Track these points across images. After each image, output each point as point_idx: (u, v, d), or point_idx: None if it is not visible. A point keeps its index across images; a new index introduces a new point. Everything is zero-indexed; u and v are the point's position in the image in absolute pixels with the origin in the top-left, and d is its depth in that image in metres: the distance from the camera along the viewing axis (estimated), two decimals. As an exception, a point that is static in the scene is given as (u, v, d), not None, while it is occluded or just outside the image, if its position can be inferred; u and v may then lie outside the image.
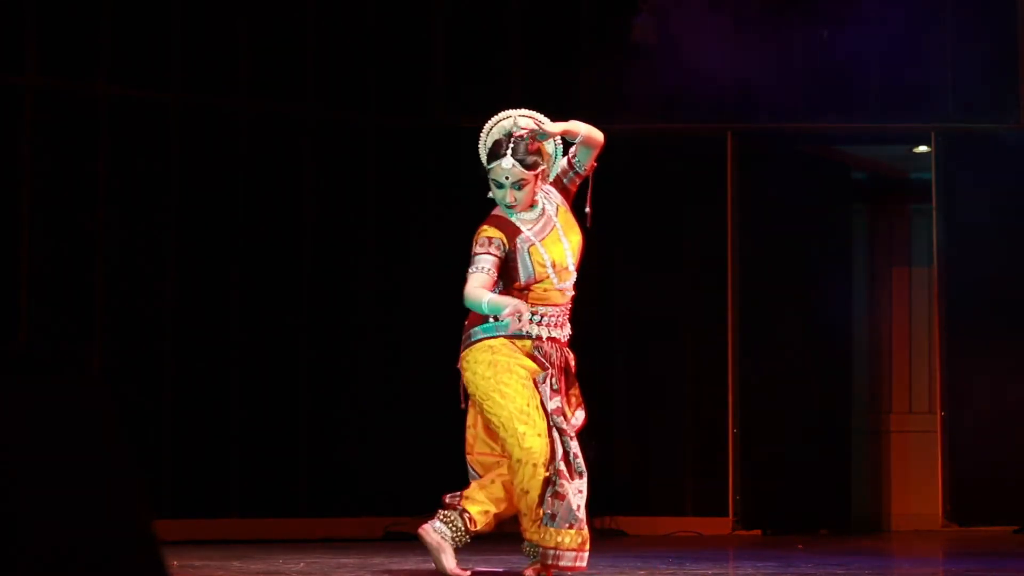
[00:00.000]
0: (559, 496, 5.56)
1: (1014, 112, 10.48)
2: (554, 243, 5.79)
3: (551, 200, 5.88)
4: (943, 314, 10.63)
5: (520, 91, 10.42)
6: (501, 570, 6.40)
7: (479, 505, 5.81)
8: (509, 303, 5.54)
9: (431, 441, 9.43)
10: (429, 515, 5.96)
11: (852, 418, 11.10)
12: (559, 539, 5.59)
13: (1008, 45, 10.49)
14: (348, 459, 9.92)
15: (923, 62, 10.45)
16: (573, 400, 5.81)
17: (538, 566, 5.72)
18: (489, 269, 5.71)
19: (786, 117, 10.59)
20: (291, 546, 8.53)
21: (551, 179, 5.91)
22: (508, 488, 5.76)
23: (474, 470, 5.90)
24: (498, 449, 5.79)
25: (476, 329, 5.78)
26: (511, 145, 5.74)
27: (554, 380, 5.69)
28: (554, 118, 6.04)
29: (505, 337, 5.72)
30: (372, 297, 10.09)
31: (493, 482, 5.80)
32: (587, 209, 5.92)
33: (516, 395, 5.64)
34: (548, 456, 5.59)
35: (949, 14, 10.48)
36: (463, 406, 5.86)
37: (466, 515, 5.81)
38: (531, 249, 5.74)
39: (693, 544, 9.31)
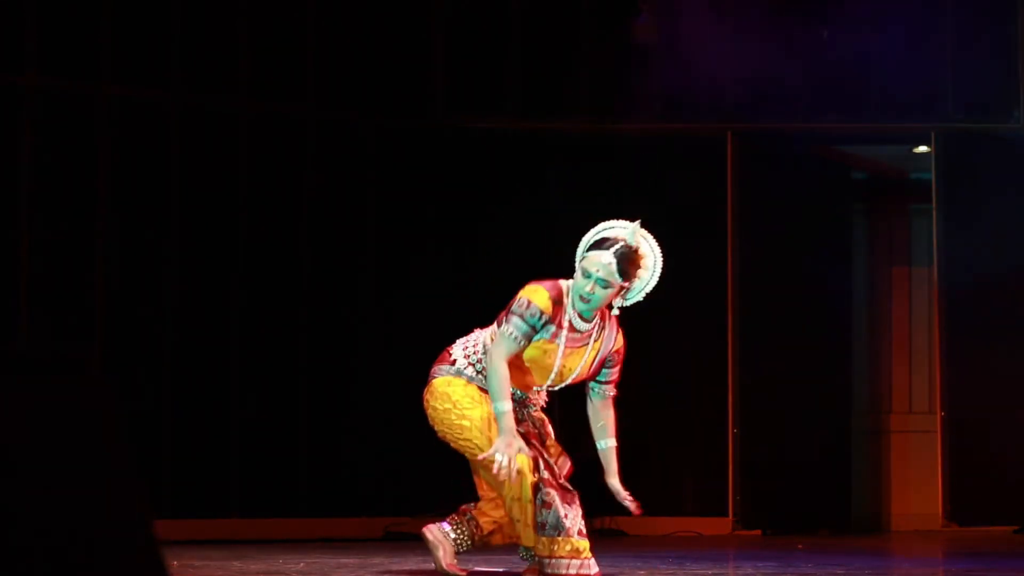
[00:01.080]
0: (547, 505, 5.56)
1: (1014, 112, 10.48)
2: (575, 359, 5.69)
3: (605, 335, 5.74)
4: (943, 314, 10.63)
5: (520, 91, 10.42)
6: (501, 570, 6.40)
7: (489, 516, 5.86)
8: (508, 437, 5.45)
9: (431, 442, 9.41)
10: (429, 515, 5.98)
11: (852, 418, 11.09)
12: (552, 548, 5.58)
13: (1008, 46, 10.49)
14: (348, 459, 9.91)
15: (923, 62, 10.45)
16: (553, 451, 5.79)
17: (536, 568, 5.72)
18: (521, 340, 5.56)
19: (786, 117, 10.59)
20: (291, 546, 8.52)
21: (626, 302, 5.69)
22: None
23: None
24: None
25: (437, 368, 5.78)
26: (619, 248, 5.58)
27: (516, 413, 5.67)
28: (554, 118, 6.04)
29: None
30: (372, 297, 10.09)
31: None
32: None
33: (478, 415, 5.63)
34: (531, 463, 5.58)
35: (949, 15, 10.48)
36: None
37: (473, 522, 5.85)
38: (550, 346, 5.63)
39: (693, 544, 9.31)
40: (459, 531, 5.83)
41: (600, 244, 5.61)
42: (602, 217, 6.00)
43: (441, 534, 5.83)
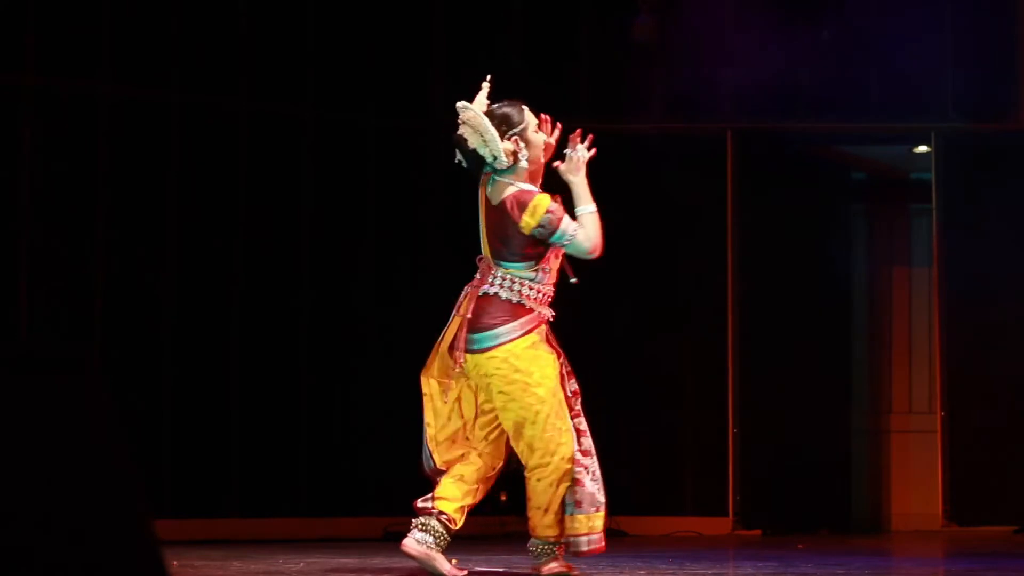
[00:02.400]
0: (578, 483, 5.57)
1: (1014, 112, 10.48)
2: None
3: None
4: (943, 314, 10.63)
5: (520, 92, 10.40)
6: (501, 570, 6.40)
7: (454, 503, 5.77)
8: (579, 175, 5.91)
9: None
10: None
11: (852, 418, 11.10)
12: (591, 524, 5.60)
13: (1008, 46, 10.49)
14: (348, 459, 9.91)
15: (923, 62, 10.44)
16: (563, 370, 5.83)
17: (554, 565, 5.69)
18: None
19: (786, 117, 10.59)
20: (291, 546, 8.53)
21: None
22: (480, 472, 5.76)
23: (432, 457, 5.88)
24: (477, 443, 5.79)
25: (502, 330, 5.73)
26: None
27: (566, 362, 5.71)
28: (554, 118, 6.08)
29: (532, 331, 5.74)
30: (372, 297, 10.09)
31: (464, 471, 5.79)
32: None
33: (558, 389, 5.64)
34: (575, 448, 5.63)
35: (949, 14, 10.48)
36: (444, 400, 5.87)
37: (443, 516, 5.76)
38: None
39: (693, 544, 9.30)
40: (435, 533, 5.76)
41: (508, 114, 6.24)
42: (602, 216, 6.00)
43: (423, 546, 5.73)
